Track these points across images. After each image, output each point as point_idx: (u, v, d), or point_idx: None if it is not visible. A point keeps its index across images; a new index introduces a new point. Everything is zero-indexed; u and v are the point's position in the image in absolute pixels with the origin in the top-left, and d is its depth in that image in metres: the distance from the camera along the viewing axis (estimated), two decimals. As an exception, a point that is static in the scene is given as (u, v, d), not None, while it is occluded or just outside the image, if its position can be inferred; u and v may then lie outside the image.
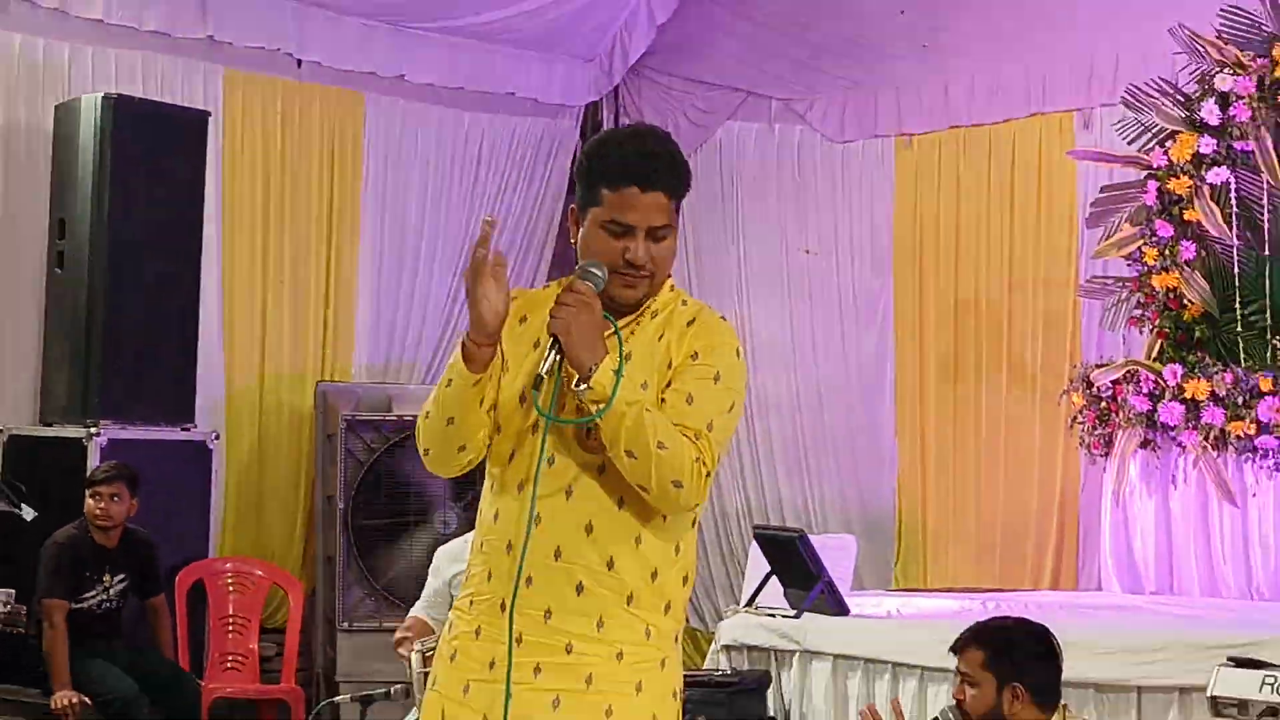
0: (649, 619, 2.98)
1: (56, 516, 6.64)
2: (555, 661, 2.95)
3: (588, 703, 2.93)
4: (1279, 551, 7.42)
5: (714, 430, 2.94)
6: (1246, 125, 7.76)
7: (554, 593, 2.95)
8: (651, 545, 2.98)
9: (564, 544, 2.95)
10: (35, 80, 7.86)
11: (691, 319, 3.07)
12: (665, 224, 3.01)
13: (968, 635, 4.56)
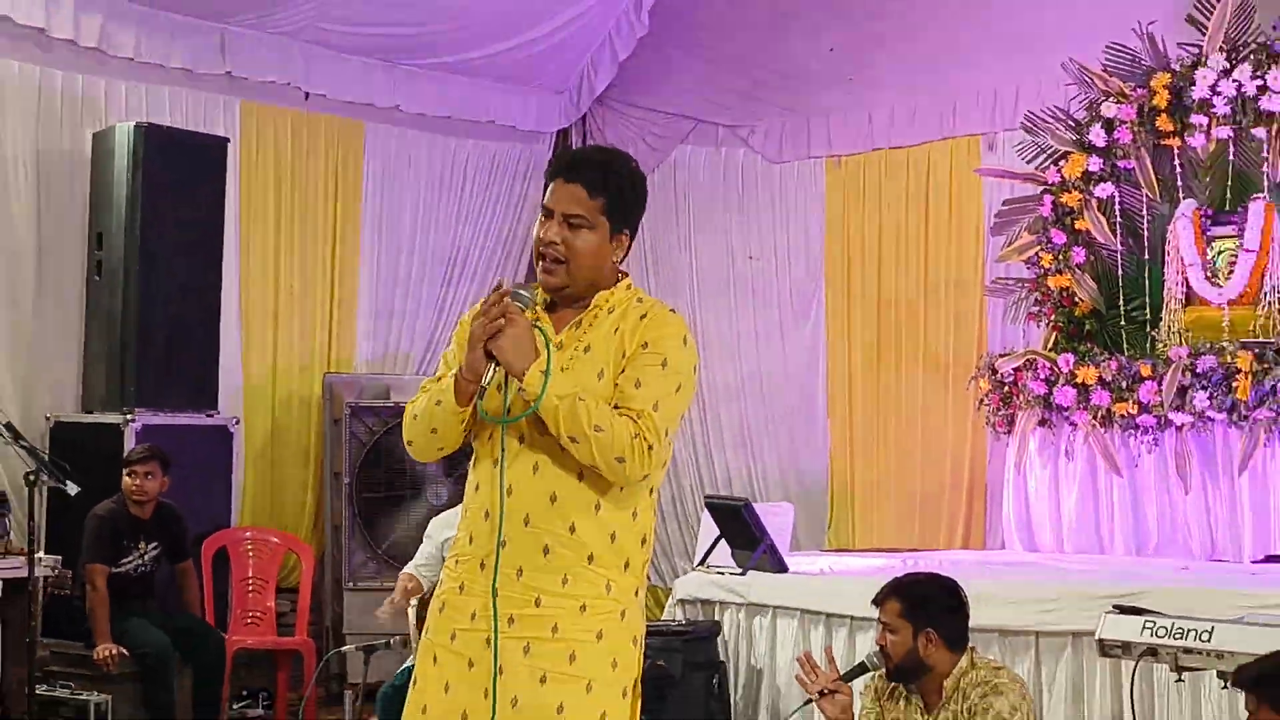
0: (609, 575, 3.03)
1: (97, 492, 6.55)
2: (526, 613, 2.99)
3: (553, 649, 2.98)
4: (1158, 514, 7.43)
5: (659, 410, 2.97)
6: (1128, 146, 7.77)
7: (525, 554, 3.00)
8: (609, 512, 3.02)
9: (532, 512, 3.01)
10: (75, 111, 7.80)
11: (644, 314, 3.10)
12: (579, 214, 3.05)
13: (887, 589, 4.56)
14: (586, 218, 3.05)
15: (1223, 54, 7.46)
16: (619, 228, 3.10)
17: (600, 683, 3.00)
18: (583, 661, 2.99)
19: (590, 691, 2.99)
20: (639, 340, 3.05)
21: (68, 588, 6.74)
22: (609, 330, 3.09)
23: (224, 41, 8.28)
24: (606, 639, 3.01)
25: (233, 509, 7.91)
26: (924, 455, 8.97)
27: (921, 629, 4.42)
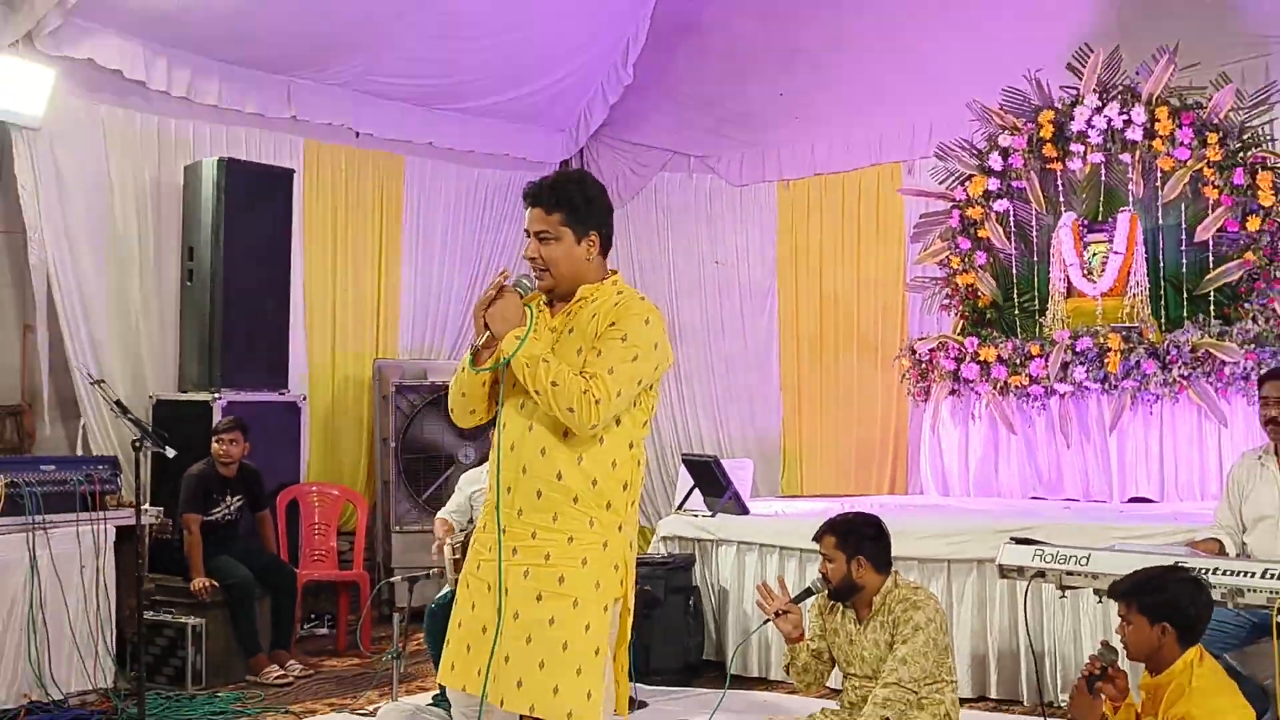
0: (592, 514, 3.07)
1: (191, 456, 6.55)
2: (525, 545, 3.06)
3: (547, 573, 3.04)
4: (1046, 465, 7.45)
5: (613, 374, 3.02)
6: (1020, 170, 7.78)
7: (524, 497, 3.07)
8: (590, 463, 3.07)
9: (528, 464, 3.08)
10: (170, 148, 7.76)
11: (618, 302, 3.15)
12: (543, 229, 3.14)
13: (824, 527, 4.61)
14: (550, 231, 3.13)
15: (1096, 95, 7.47)
16: (583, 232, 3.15)
17: (585, 600, 3.03)
18: (570, 583, 3.03)
19: (576, 607, 3.02)
20: (608, 321, 3.10)
21: (168, 533, 6.72)
22: (589, 316, 3.12)
23: (290, 91, 8.26)
24: (590, 565, 3.05)
25: (301, 468, 7.89)
26: (857, 419, 8.97)
27: (853, 556, 4.45)
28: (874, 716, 4.20)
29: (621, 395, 3.03)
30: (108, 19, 7.11)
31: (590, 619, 3.03)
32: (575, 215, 3.13)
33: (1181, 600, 3.48)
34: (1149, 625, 3.47)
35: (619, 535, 3.10)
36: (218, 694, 6.04)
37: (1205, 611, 3.52)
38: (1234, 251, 7.05)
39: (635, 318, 3.09)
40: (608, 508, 3.08)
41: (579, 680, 3.00)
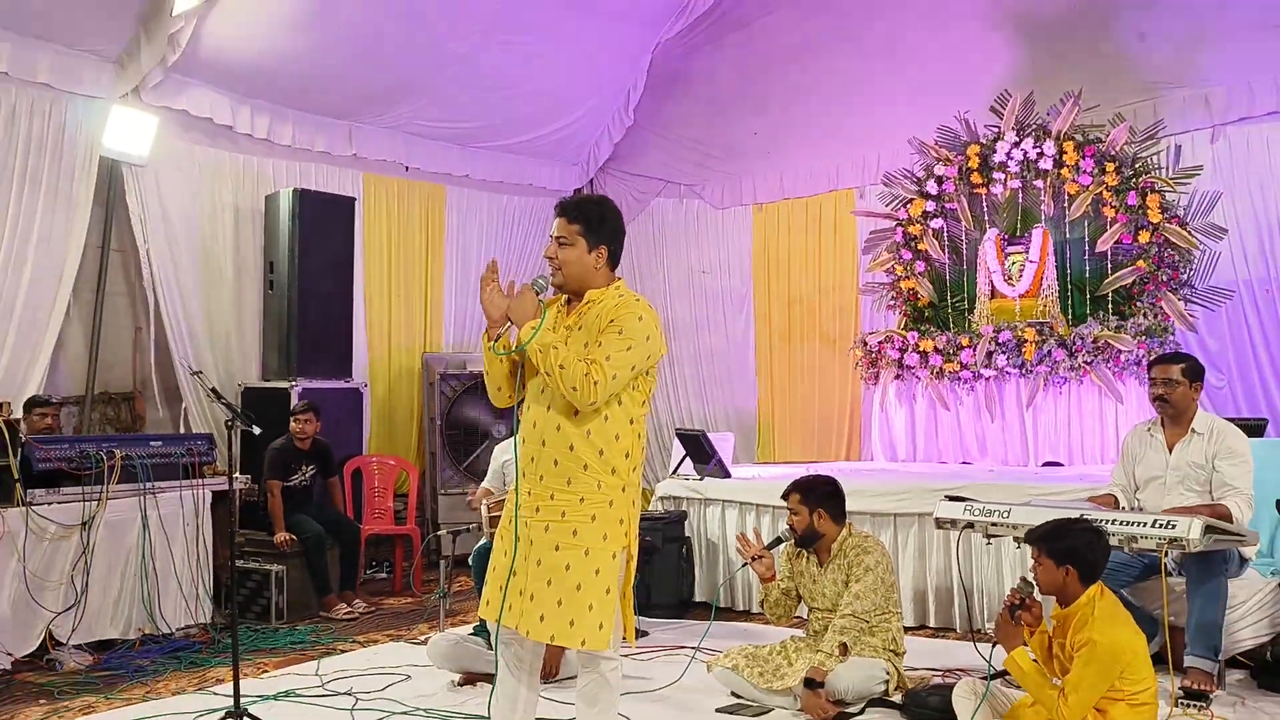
0: (599, 478, 3.08)
1: (273, 433, 6.55)
2: (545, 504, 3.09)
3: (563, 527, 3.07)
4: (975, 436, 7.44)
5: (610, 360, 3.03)
6: (952, 194, 7.77)
7: (544, 465, 3.10)
8: (598, 436, 3.08)
9: (547, 438, 3.10)
10: (253, 181, 7.76)
11: (618, 303, 3.15)
12: (563, 235, 3.16)
13: (790, 486, 4.59)
14: (567, 238, 3.15)
15: (1014, 132, 7.46)
16: (595, 243, 3.16)
17: (594, 550, 3.05)
18: (582, 535, 3.05)
19: (587, 555, 3.04)
20: (609, 318, 3.11)
21: (255, 496, 6.72)
22: (594, 317, 3.13)
23: (351, 133, 8.25)
24: (598, 520, 3.07)
25: (363, 443, 7.88)
26: (819, 399, 8.95)
27: (814, 510, 4.44)
28: (834, 641, 4.21)
29: (617, 378, 3.04)
30: (201, 74, 7.12)
31: (599, 565, 3.05)
32: (590, 228, 3.15)
33: (1082, 546, 3.50)
34: (1055, 567, 3.49)
35: (623, 495, 3.12)
36: (296, 627, 6.04)
37: (1102, 555, 3.53)
38: (1128, 260, 7.05)
39: (630, 315, 3.10)
40: (613, 473, 3.09)
41: (591, 615, 3.02)
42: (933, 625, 5.66)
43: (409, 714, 4.27)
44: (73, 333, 6.96)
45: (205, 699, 4.54)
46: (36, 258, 6.46)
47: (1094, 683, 3.30)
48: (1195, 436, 4.45)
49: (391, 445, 8.45)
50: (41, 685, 4.84)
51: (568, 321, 3.18)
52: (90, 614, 5.24)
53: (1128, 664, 3.33)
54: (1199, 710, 3.98)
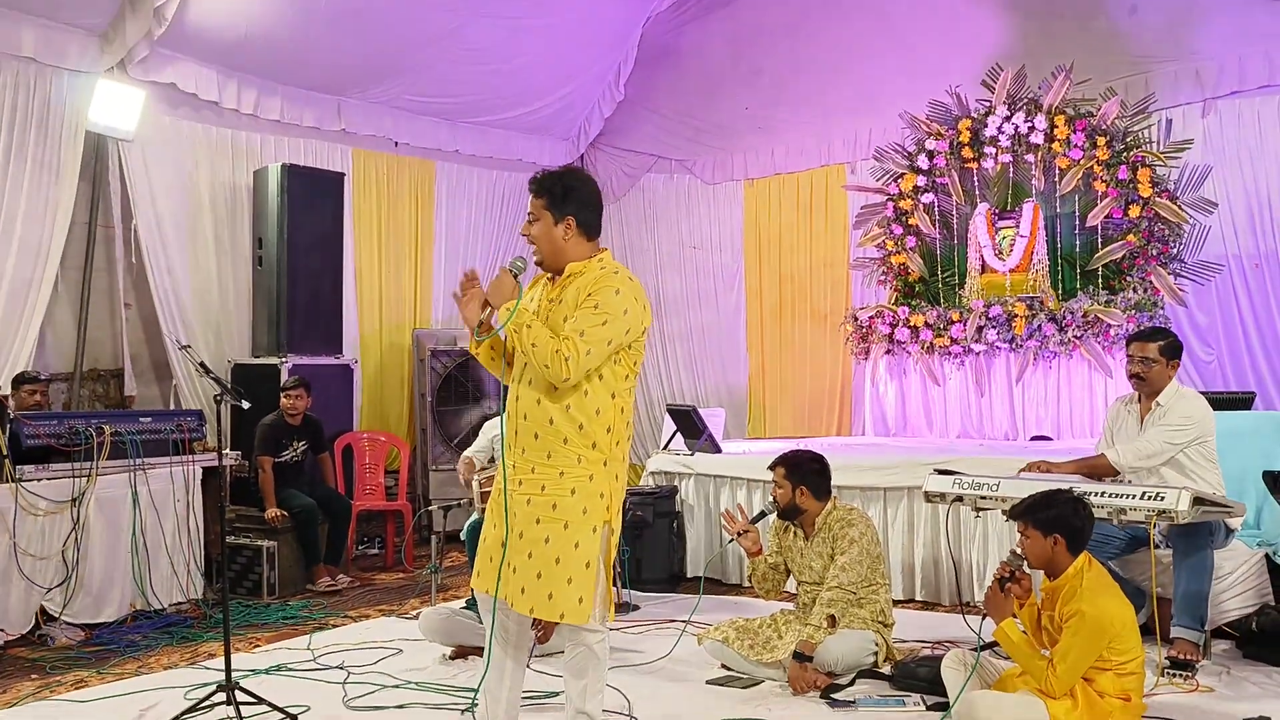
0: (579, 452, 3.09)
1: (263, 409, 6.52)
2: (527, 478, 3.10)
3: (543, 500, 3.08)
4: (965, 410, 7.46)
5: (584, 336, 3.02)
6: (943, 168, 7.75)
7: (525, 440, 3.11)
8: (577, 410, 3.08)
9: (528, 412, 3.11)
10: (241, 156, 7.69)
11: (599, 276, 3.14)
12: (531, 212, 3.18)
13: (775, 460, 4.61)
14: (534, 213, 3.16)
15: (1005, 106, 7.45)
16: (560, 215, 3.15)
17: (574, 523, 3.06)
18: (562, 509, 3.06)
19: (567, 529, 3.05)
20: (587, 292, 3.08)
21: (246, 472, 6.72)
22: (575, 289, 3.11)
23: (340, 108, 8.17)
24: (578, 494, 3.07)
25: (354, 419, 7.87)
26: (810, 375, 8.96)
27: (797, 485, 4.45)
28: (821, 614, 4.22)
29: (591, 354, 3.02)
30: (187, 48, 7.05)
31: (579, 538, 3.05)
32: (553, 201, 3.13)
33: (1068, 514, 3.52)
34: (1043, 537, 3.51)
35: (604, 470, 3.11)
36: (288, 603, 6.05)
37: (1088, 523, 3.56)
38: (1118, 234, 7.05)
39: (607, 289, 3.08)
40: (593, 447, 3.09)
41: (570, 588, 3.04)
42: (921, 598, 5.68)
43: (401, 687, 4.28)
44: (60, 309, 6.92)
45: (197, 673, 4.55)
46: (23, 233, 6.41)
47: (1082, 652, 3.33)
48: (1158, 409, 4.49)
49: (382, 421, 8.43)
50: (33, 660, 4.84)
51: (550, 294, 3.17)
52: (82, 590, 5.24)
53: (1116, 634, 3.36)
54: (1185, 679, 4.02)
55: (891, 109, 8.01)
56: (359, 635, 5.21)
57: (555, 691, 3.99)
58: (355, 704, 4.08)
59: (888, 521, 5.76)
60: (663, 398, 9.61)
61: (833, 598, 4.24)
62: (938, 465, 4.93)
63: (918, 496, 5.44)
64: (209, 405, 6.87)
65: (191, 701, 3.88)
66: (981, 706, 3.40)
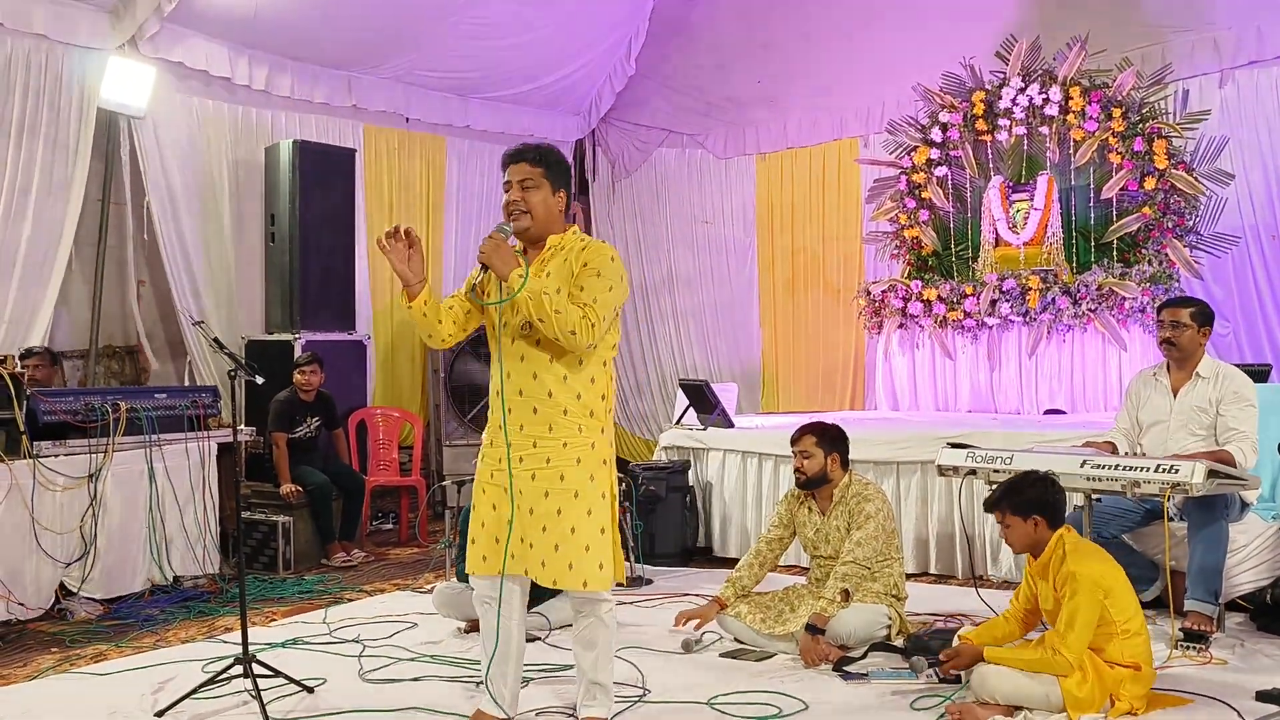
0: (579, 421, 3.12)
1: (277, 385, 6.55)
2: (529, 453, 3.11)
3: (549, 473, 3.09)
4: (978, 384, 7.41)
5: (597, 302, 3.07)
6: (956, 141, 7.69)
7: (523, 415, 3.11)
8: (573, 381, 3.11)
9: (524, 387, 3.11)
10: (252, 133, 7.70)
11: (584, 247, 3.18)
12: (527, 178, 3.14)
13: (804, 428, 4.53)
14: (533, 180, 3.14)
15: (1019, 77, 7.38)
16: (557, 186, 3.19)
17: (583, 491, 3.10)
18: (569, 479, 3.08)
19: (577, 498, 3.09)
20: (581, 261, 3.12)
21: (260, 448, 6.75)
22: (561, 261, 3.14)
23: (350, 84, 8.17)
24: (583, 463, 3.11)
25: (368, 394, 7.89)
26: (823, 349, 8.95)
27: (829, 453, 4.42)
28: (835, 588, 4.22)
29: (604, 319, 3.07)
30: (197, 24, 7.03)
31: (590, 505, 3.09)
32: (553, 172, 3.17)
33: (1042, 494, 3.56)
34: (1023, 521, 3.55)
35: (602, 437, 3.17)
36: (303, 577, 6.09)
37: (1061, 498, 3.60)
38: (1134, 206, 6.99)
39: (604, 257, 3.13)
40: (591, 415, 3.14)
41: (589, 555, 3.08)
42: (934, 572, 5.68)
43: (415, 660, 4.30)
44: (75, 286, 6.95)
45: (214, 647, 4.59)
46: (37, 210, 6.43)
47: (1086, 613, 3.34)
48: (1200, 380, 4.44)
49: (396, 397, 8.45)
50: (53, 634, 4.89)
51: (533, 269, 3.15)
52: (99, 565, 5.28)
53: (1109, 589, 3.38)
54: (1198, 652, 4.01)
55: (905, 81, 7.95)
56: (374, 609, 5.24)
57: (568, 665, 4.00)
58: (371, 677, 4.10)
59: (901, 495, 5.75)
60: (675, 372, 9.62)
61: (847, 572, 4.24)
62: (951, 439, 4.91)
63: (931, 470, 5.43)
64: (223, 381, 6.90)
65: (209, 674, 3.91)
66: (995, 679, 3.41)
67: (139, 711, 3.76)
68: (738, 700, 3.69)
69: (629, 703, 3.70)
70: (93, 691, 4.03)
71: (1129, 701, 3.36)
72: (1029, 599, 3.65)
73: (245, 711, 3.70)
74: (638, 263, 10.06)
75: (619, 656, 4.22)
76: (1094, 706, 3.34)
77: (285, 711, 3.70)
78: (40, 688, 4.11)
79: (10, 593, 4.84)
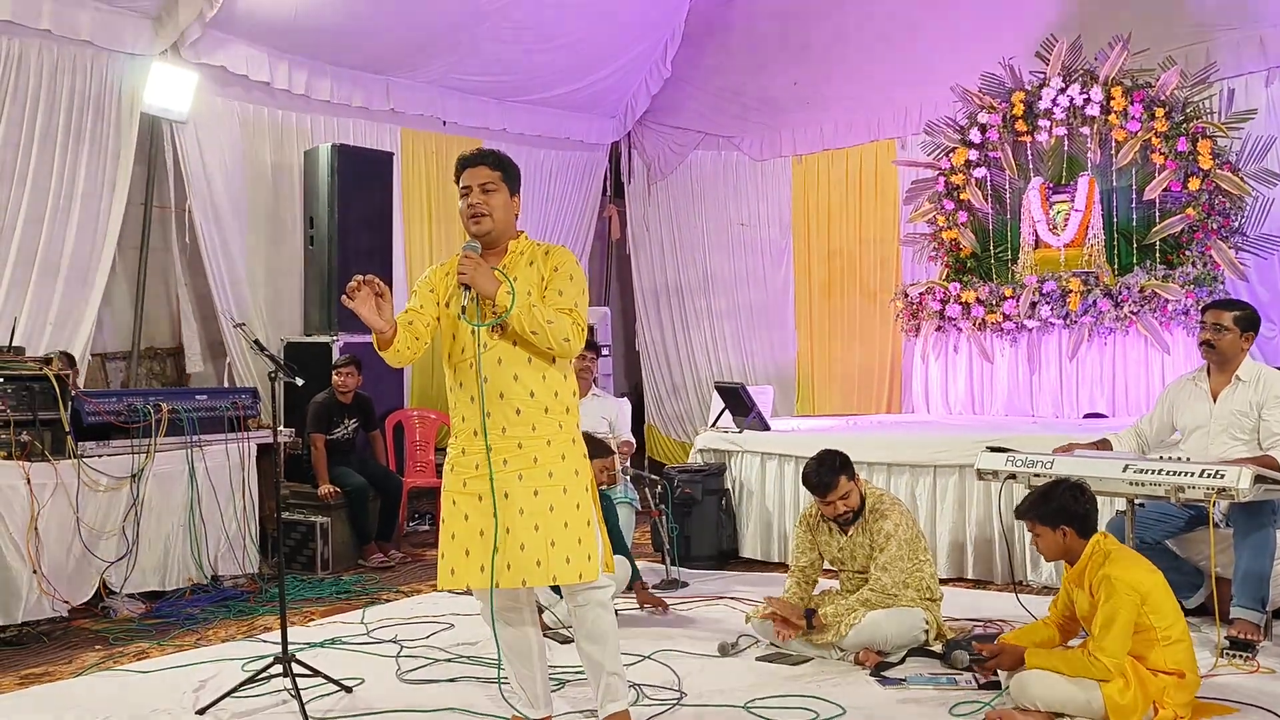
0: (559, 418, 3.16)
1: (315, 387, 6.58)
2: (513, 454, 3.10)
3: (537, 472, 3.10)
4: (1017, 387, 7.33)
5: (578, 306, 3.13)
6: (995, 142, 7.62)
7: (505, 417, 3.10)
8: (551, 380, 3.14)
9: (504, 389, 3.10)
10: (292, 136, 7.77)
11: (548, 252, 3.21)
12: (487, 181, 3.16)
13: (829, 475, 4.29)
14: (493, 184, 3.16)
15: (1060, 77, 7.30)
16: (513, 190, 3.22)
17: (570, 486, 3.13)
18: (557, 475, 3.11)
19: (566, 493, 3.11)
20: (551, 266, 3.15)
21: (299, 450, 6.79)
22: (525, 265, 3.15)
23: (389, 88, 8.23)
24: (568, 459, 3.14)
25: (405, 396, 7.94)
26: (860, 352, 8.90)
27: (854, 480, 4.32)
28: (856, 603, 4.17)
29: (585, 321, 3.15)
30: (238, 30, 7.12)
31: (578, 499, 3.13)
32: (509, 176, 3.21)
33: (1069, 503, 3.52)
34: (1052, 531, 3.52)
35: (578, 431, 3.22)
36: (341, 577, 6.14)
37: (1091, 507, 3.54)
38: (1177, 208, 6.89)
39: (571, 261, 3.20)
40: (567, 412, 3.18)
41: (581, 548, 3.11)
42: (973, 577, 5.63)
43: (452, 661, 4.33)
44: (118, 289, 7.05)
45: (254, 646, 4.64)
46: (81, 214, 6.53)
47: (1123, 616, 3.30)
48: (1240, 384, 4.37)
49: (433, 399, 8.48)
50: (97, 632, 4.97)
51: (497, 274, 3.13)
52: (141, 564, 5.35)
53: (1147, 594, 3.33)
54: (1245, 660, 3.95)
55: (943, 82, 7.89)
56: (411, 610, 5.27)
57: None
58: (408, 677, 4.13)
59: (938, 499, 5.71)
60: (711, 375, 9.60)
61: (869, 599, 4.18)
62: (990, 442, 4.86)
63: (969, 474, 5.37)
64: (263, 383, 6.97)
65: (249, 673, 3.95)
66: (1035, 685, 3.37)
67: (180, 709, 3.81)
68: (775, 704, 3.68)
69: (665, 706, 3.70)
70: (135, 689, 4.09)
71: (1173, 709, 3.31)
72: (1067, 606, 3.61)
73: (284, 710, 3.74)
74: (673, 265, 10.06)
75: (654, 660, 4.23)
76: (1137, 714, 3.29)
77: (324, 711, 3.73)
78: (84, 684, 4.17)
79: (55, 590, 4.92)
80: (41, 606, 4.88)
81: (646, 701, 3.74)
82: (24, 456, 4.89)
